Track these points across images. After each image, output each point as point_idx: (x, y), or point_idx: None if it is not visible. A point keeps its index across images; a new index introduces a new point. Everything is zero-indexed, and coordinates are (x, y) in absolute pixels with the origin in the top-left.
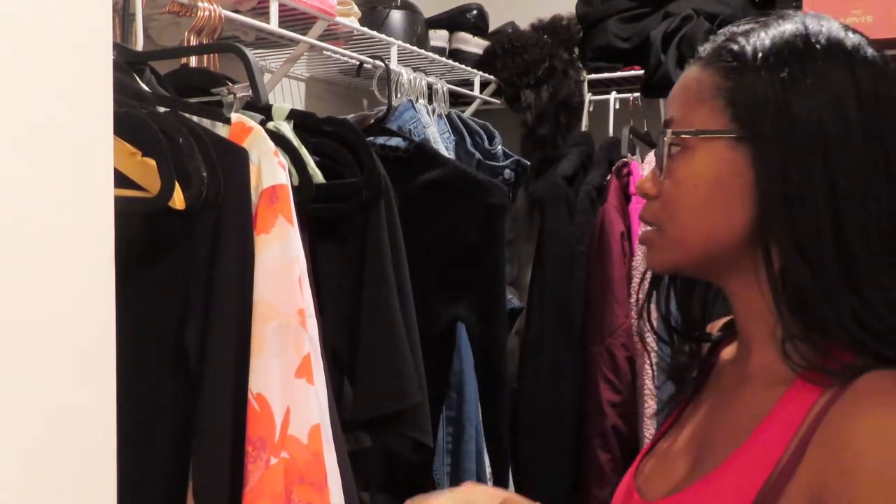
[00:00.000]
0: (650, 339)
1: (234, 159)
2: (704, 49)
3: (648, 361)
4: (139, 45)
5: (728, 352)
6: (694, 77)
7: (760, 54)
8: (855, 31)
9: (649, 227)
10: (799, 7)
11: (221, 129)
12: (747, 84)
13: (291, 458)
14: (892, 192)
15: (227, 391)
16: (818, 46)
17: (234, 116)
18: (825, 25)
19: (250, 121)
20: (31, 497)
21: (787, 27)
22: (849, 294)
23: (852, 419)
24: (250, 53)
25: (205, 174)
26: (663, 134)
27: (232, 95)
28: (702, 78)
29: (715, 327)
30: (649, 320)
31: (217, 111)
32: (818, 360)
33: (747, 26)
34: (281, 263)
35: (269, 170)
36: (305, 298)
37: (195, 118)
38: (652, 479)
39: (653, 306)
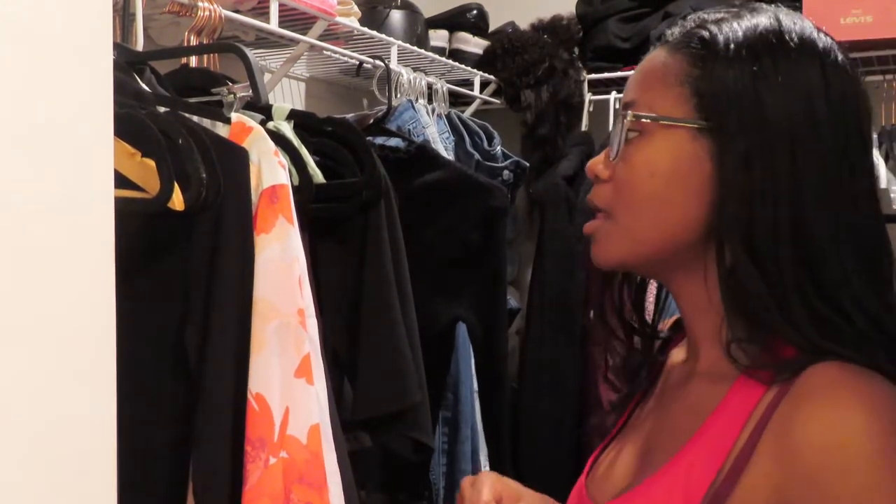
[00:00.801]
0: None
1: (234, 159)
2: (672, 33)
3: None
4: (139, 45)
5: (677, 352)
6: (660, 61)
7: (733, 45)
8: (826, 34)
9: (596, 218)
10: (799, 7)
11: (221, 129)
12: (717, 74)
13: (290, 458)
14: (860, 197)
15: (227, 391)
16: (791, 44)
17: (234, 116)
18: (798, 23)
19: (250, 121)
20: (31, 497)
21: (761, 20)
22: (812, 298)
23: (807, 419)
24: (250, 53)
25: (204, 175)
26: (623, 115)
27: (232, 95)
28: (668, 62)
29: (665, 325)
30: (604, 317)
31: (217, 111)
32: (762, 357)
33: (719, 15)
34: (281, 263)
35: (270, 170)
36: (305, 298)
37: (195, 118)
38: (602, 482)
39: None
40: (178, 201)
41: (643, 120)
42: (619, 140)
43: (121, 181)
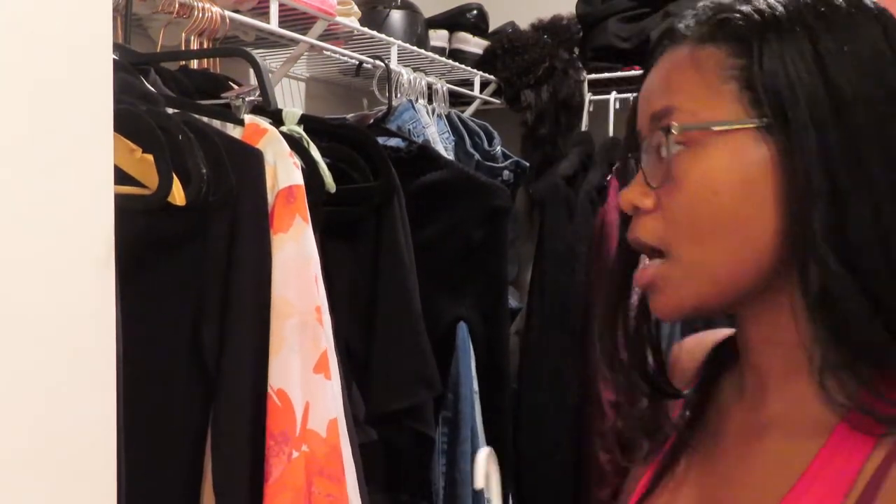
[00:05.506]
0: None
1: (248, 160)
2: (687, 26)
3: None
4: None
5: (730, 385)
6: (686, 58)
7: (777, 22)
8: None
9: (650, 263)
10: None
11: (234, 132)
12: (770, 60)
13: (311, 452)
14: None
15: (246, 388)
16: (842, 6)
17: (248, 118)
18: None
19: (264, 122)
20: (32, 497)
21: None
22: None
23: None
24: (260, 59)
25: (205, 171)
26: (661, 130)
27: (240, 100)
28: (700, 58)
29: (693, 352)
30: (626, 371)
31: (229, 113)
32: (865, 398)
33: None
34: (298, 262)
35: (285, 170)
36: (321, 295)
37: (205, 119)
38: None
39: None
40: (178, 196)
41: (695, 130)
42: (666, 159)
43: (122, 178)
